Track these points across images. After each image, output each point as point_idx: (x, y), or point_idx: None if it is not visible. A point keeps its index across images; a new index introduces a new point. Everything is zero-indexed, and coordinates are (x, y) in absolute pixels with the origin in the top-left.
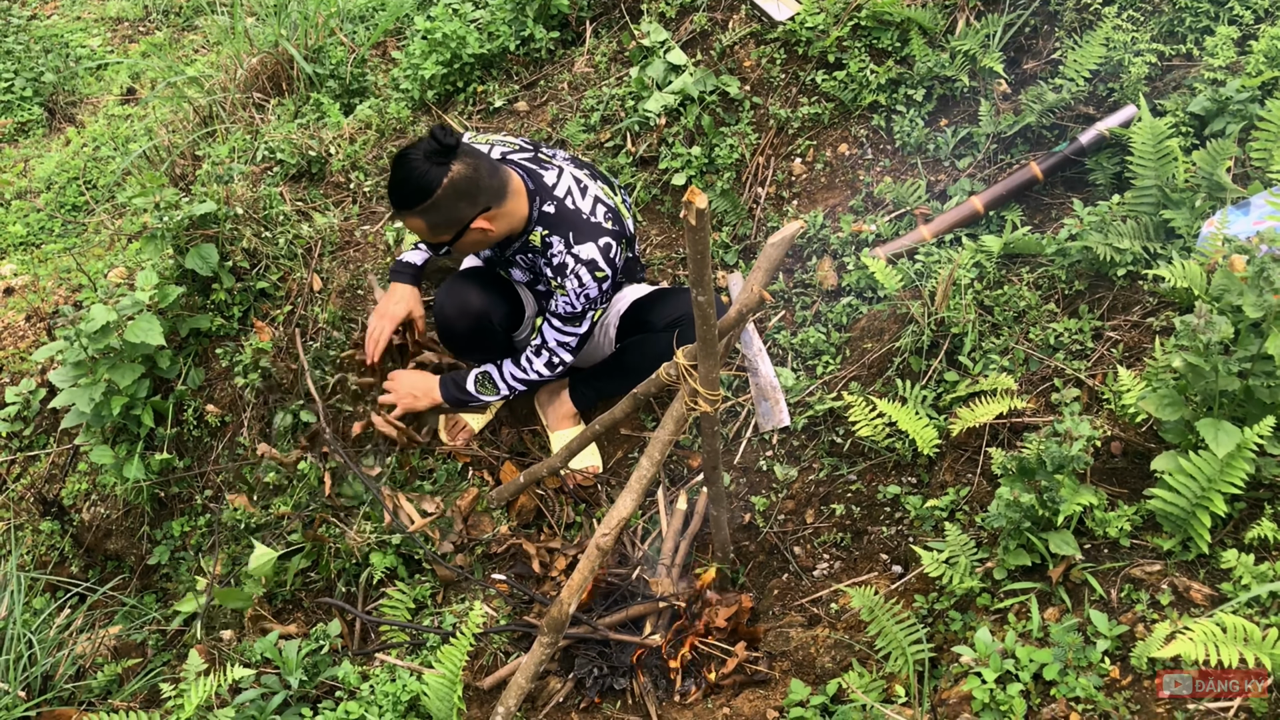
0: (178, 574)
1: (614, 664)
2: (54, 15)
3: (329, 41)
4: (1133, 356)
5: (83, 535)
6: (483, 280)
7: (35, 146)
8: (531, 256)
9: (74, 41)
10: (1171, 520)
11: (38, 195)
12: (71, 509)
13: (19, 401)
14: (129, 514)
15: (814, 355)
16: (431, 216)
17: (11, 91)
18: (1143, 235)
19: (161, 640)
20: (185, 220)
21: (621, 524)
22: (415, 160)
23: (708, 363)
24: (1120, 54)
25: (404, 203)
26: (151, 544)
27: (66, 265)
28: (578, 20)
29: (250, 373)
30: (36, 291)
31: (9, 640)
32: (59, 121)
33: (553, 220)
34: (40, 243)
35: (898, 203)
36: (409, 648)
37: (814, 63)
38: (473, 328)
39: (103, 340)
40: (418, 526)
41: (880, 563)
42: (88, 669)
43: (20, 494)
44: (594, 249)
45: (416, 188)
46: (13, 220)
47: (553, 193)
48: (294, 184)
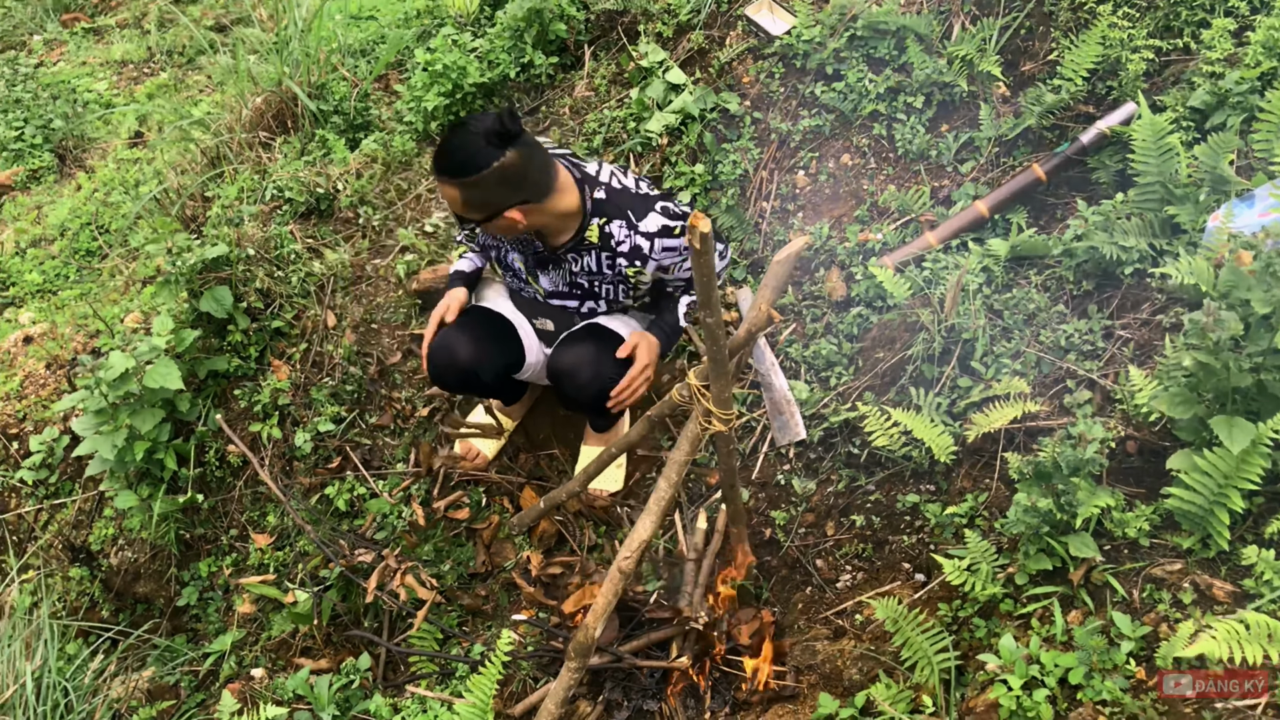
0: (206, 614)
1: (643, 686)
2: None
3: (331, 77)
4: (1144, 354)
5: (111, 580)
6: (477, 331)
7: (47, 193)
8: (595, 255)
9: (80, 87)
10: (1190, 518)
11: (51, 242)
12: (99, 554)
13: (43, 450)
14: (156, 556)
15: (826, 367)
16: (469, 193)
17: (22, 140)
18: (1148, 232)
19: (194, 681)
20: (198, 264)
21: (643, 547)
22: (473, 134)
23: (719, 382)
24: (1117, 51)
25: (447, 170)
26: (180, 585)
27: (83, 312)
28: (576, 44)
29: (270, 415)
30: (55, 339)
31: (45, 689)
32: (69, 167)
33: (607, 205)
34: (56, 289)
35: (903, 210)
36: (438, 677)
37: (812, 75)
38: (460, 380)
39: (122, 387)
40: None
41: (903, 572)
42: (123, 713)
43: (49, 542)
44: (656, 217)
45: (464, 161)
46: (29, 268)
47: (598, 179)
48: (303, 221)
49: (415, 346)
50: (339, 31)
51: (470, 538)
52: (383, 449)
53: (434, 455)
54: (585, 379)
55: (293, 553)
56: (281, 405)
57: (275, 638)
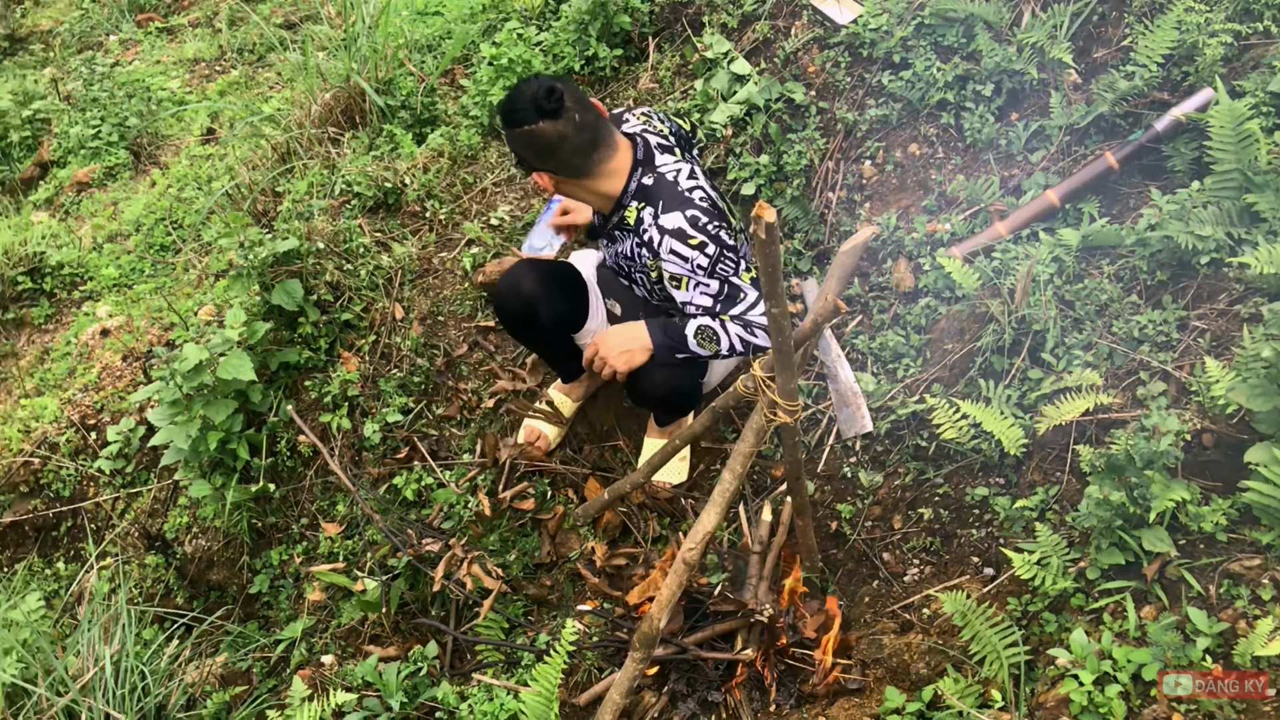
0: (278, 602)
1: (708, 678)
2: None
3: (399, 73)
4: (1220, 346)
5: (186, 567)
6: (548, 273)
7: (123, 189)
8: (629, 238)
9: (154, 85)
10: (1270, 512)
11: (127, 237)
12: (174, 542)
13: (120, 440)
14: (229, 545)
15: (894, 359)
16: (510, 143)
17: (99, 138)
18: (1225, 221)
19: (266, 667)
20: (269, 257)
21: (707, 538)
22: (523, 96)
23: (785, 374)
24: (1194, 36)
25: (499, 110)
26: (252, 573)
27: (158, 305)
28: (640, 36)
29: (339, 405)
30: (131, 332)
31: (124, 672)
32: (143, 164)
33: (648, 192)
34: (132, 283)
35: (971, 200)
36: (504, 666)
37: (879, 64)
38: (520, 313)
39: (196, 378)
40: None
41: (971, 566)
42: (197, 697)
43: (126, 530)
44: (680, 218)
45: (507, 111)
46: (105, 263)
47: (657, 168)
48: (372, 215)
49: (481, 339)
50: (405, 27)
51: (535, 528)
52: (449, 440)
53: (499, 446)
54: (659, 378)
55: (361, 542)
56: (351, 396)
57: (345, 625)
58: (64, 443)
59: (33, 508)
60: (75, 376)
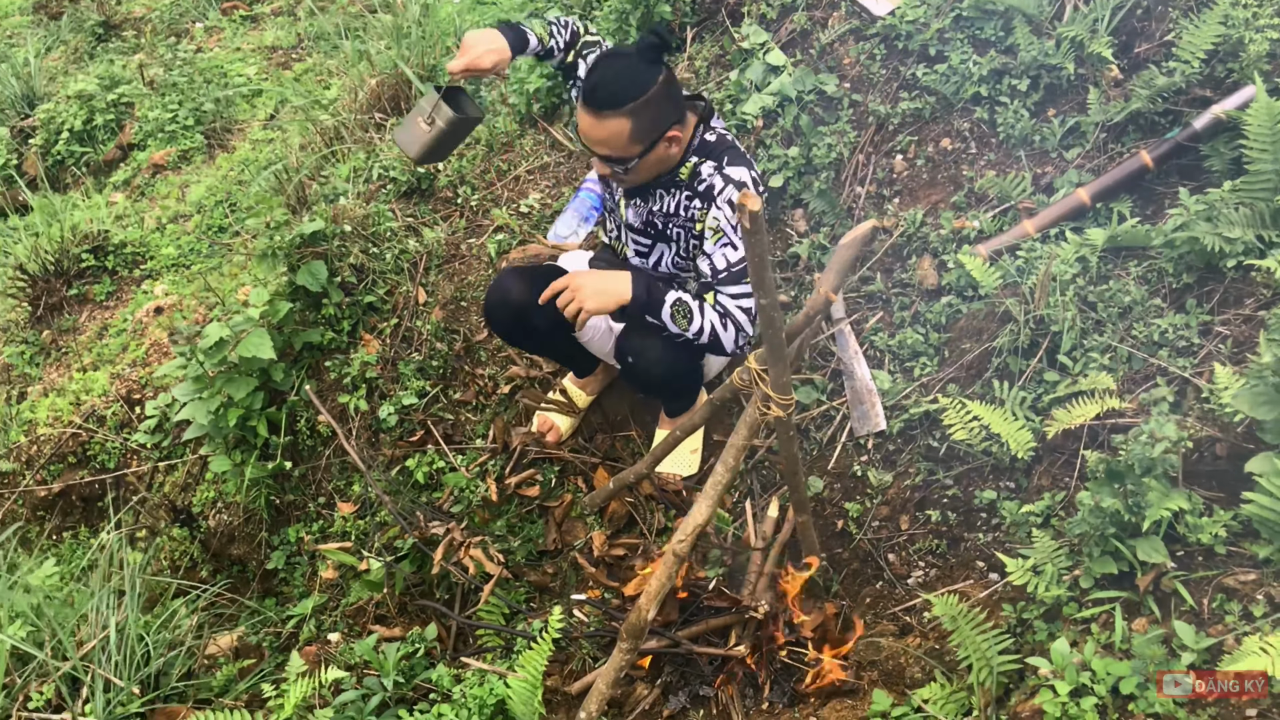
0: (293, 578)
1: (700, 672)
2: (216, 47)
3: (443, 60)
4: (1242, 352)
5: (210, 541)
6: (535, 274)
7: (195, 172)
8: (678, 194)
9: (232, 71)
10: (1269, 526)
11: (189, 219)
12: (200, 516)
13: (157, 415)
14: (249, 520)
15: (912, 357)
16: (640, 118)
17: (176, 121)
18: (1256, 223)
19: (277, 642)
20: (296, 239)
21: (698, 531)
22: (629, 55)
23: (777, 367)
24: (1240, 31)
25: (614, 101)
26: (270, 549)
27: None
28: (680, 26)
29: (358, 387)
30: (181, 310)
31: (127, 640)
32: (215, 148)
33: (711, 147)
34: (190, 264)
35: (1001, 197)
36: (501, 651)
37: (914, 56)
38: (511, 321)
39: (217, 355)
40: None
41: (976, 570)
42: (207, 669)
43: (154, 503)
44: (746, 173)
45: (631, 82)
46: (166, 243)
47: (715, 126)
48: (404, 200)
49: None
50: (456, 16)
51: (543, 515)
52: (464, 424)
53: (510, 432)
54: (654, 357)
55: (373, 522)
56: (369, 378)
57: (353, 604)
58: (110, 416)
59: (80, 478)
60: (127, 352)
